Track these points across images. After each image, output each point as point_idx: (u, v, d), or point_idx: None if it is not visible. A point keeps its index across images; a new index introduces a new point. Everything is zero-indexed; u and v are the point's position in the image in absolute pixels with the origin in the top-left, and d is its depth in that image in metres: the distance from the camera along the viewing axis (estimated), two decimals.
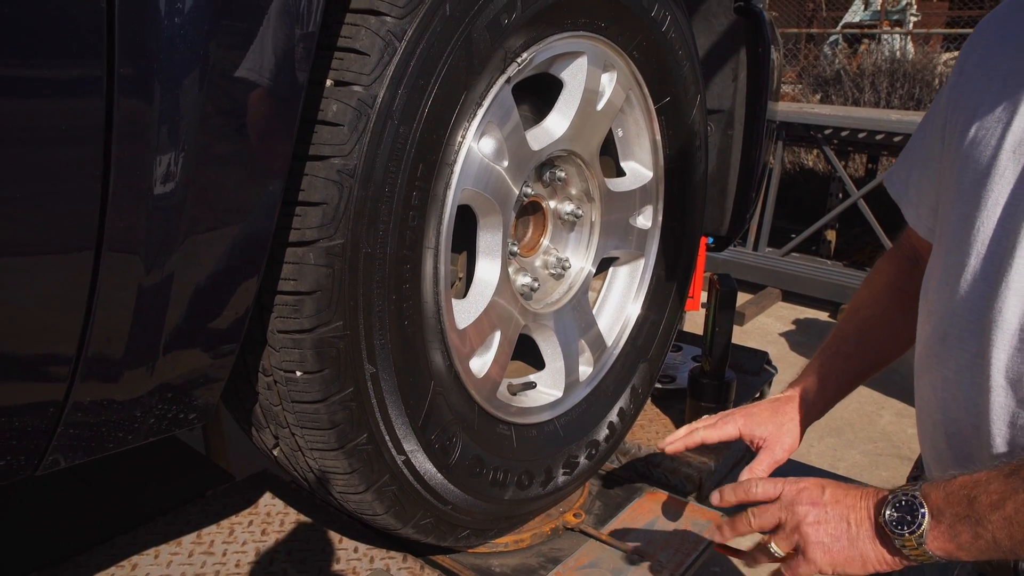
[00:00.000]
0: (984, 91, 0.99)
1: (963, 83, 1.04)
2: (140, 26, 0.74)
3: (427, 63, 1.02)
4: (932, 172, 1.11)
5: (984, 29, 1.07)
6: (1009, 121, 0.93)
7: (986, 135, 0.96)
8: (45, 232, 0.73)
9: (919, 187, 1.14)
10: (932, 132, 1.11)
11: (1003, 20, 1.04)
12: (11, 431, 0.79)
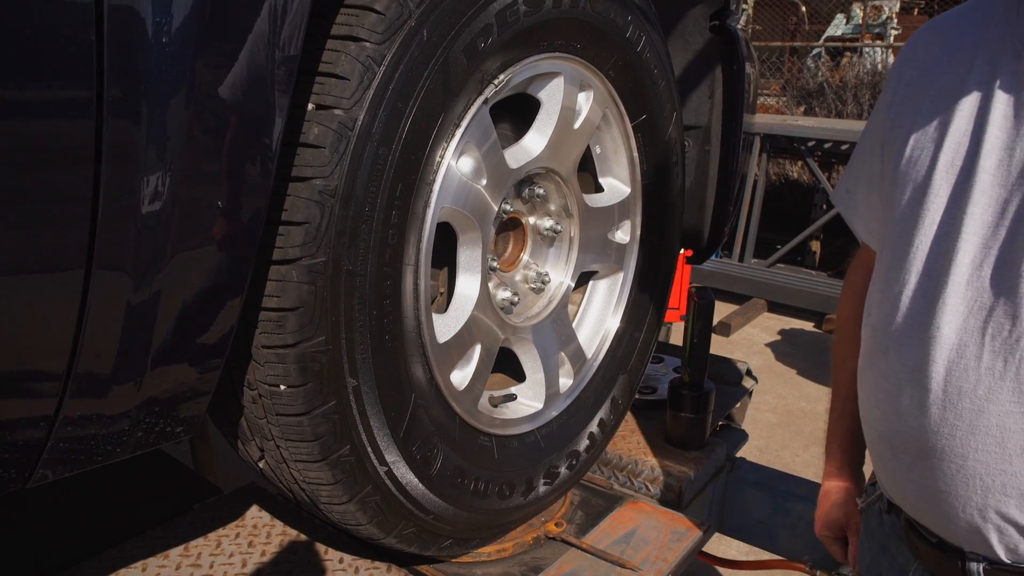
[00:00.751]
0: (917, 111, 1.03)
1: (898, 102, 1.08)
2: (128, 49, 0.77)
3: (405, 87, 1.06)
4: (877, 187, 1.15)
5: (913, 49, 1.11)
6: (941, 141, 0.98)
7: (921, 154, 1.01)
8: (37, 250, 0.76)
9: (868, 202, 1.18)
10: (873, 149, 1.15)
11: (930, 41, 1.09)
12: (3, 445, 0.82)
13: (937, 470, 0.98)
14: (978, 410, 0.93)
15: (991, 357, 0.91)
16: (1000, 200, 0.92)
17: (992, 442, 0.92)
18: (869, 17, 9.90)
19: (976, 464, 0.94)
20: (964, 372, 0.93)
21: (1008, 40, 0.96)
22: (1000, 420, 0.91)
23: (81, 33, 0.73)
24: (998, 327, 0.91)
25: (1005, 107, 0.93)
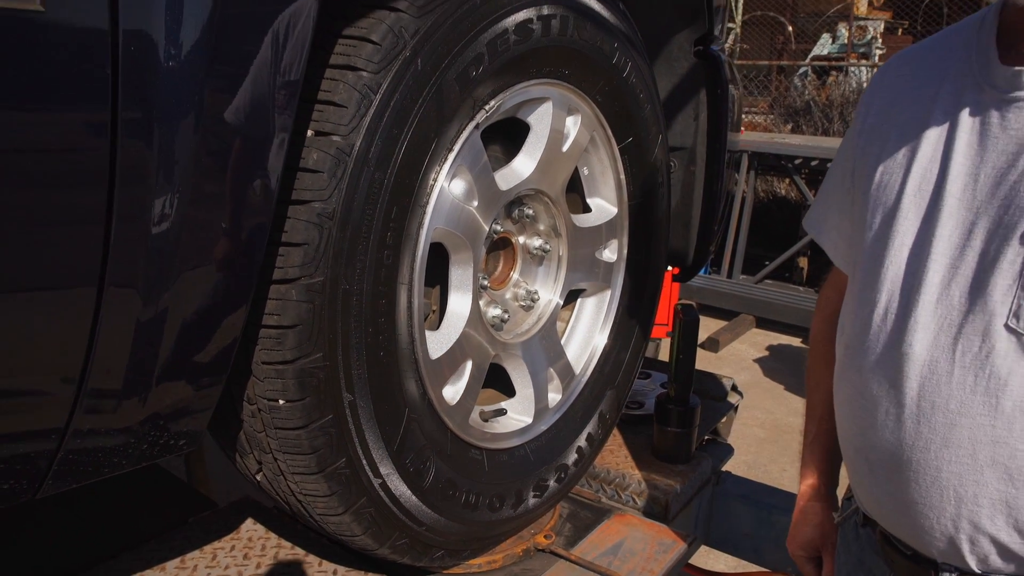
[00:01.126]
0: (886, 138, 1.09)
1: (868, 130, 1.13)
2: (141, 75, 0.81)
3: (400, 114, 1.10)
4: (847, 212, 1.20)
5: (881, 81, 1.17)
6: (909, 167, 1.03)
7: (890, 179, 1.06)
8: (54, 271, 0.80)
9: (839, 228, 1.23)
10: (844, 176, 1.20)
11: (897, 73, 1.14)
12: (16, 456, 0.85)
13: (912, 482, 1.01)
14: (951, 424, 0.96)
15: (962, 372, 0.95)
16: (967, 223, 0.97)
17: (964, 454, 0.96)
18: (854, 37, 10.05)
19: (950, 476, 0.98)
20: (936, 387, 0.97)
21: (969, 75, 1.02)
22: (972, 433, 0.95)
23: (97, 58, 0.77)
24: (968, 344, 0.95)
25: (969, 136, 0.99)
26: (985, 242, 0.95)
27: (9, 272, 0.78)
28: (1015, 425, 0.93)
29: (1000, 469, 0.95)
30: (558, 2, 1.37)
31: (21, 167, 0.75)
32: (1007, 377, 0.93)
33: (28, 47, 0.72)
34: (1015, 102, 0.95)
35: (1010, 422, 0.93)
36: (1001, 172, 0.95)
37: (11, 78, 0.72)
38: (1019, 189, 0.92)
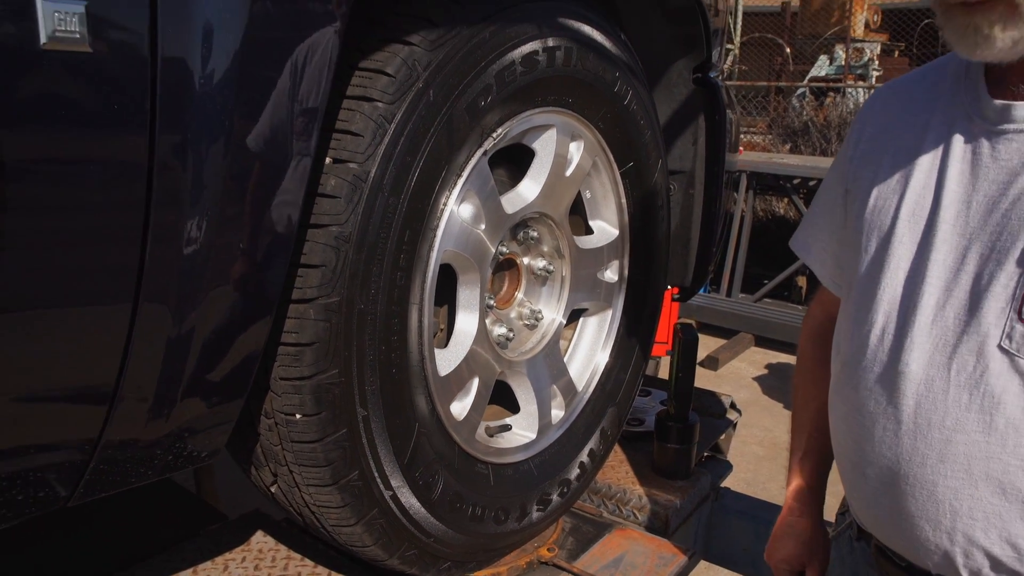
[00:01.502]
0: (879, 164, 1.13)
1: (860, 156, 1.18)
2: (178, 102, 0.86)
3: (413, 142, 1.16)
4: (837, 235, 1.24)
5: (871, 108, 1.22)
6: (903, 192, 1.08)
7: (885, 204, 1.10)
8: (92, 291, 0.86)
9: (827, 249, 1.28)
10: (835, 200, 1.24)
11: (887, 101, 1.19)
12: (52, 465, 0.90)
13: (909, 496, 1.04)
14: (946, 440, 1.00)
15: (957, 391, 0.99)
16: (960, 248, 1.01)
17: (960, 469, 0.99)
18: (851, 59, 10.16)
19: (945, 490, 1.00)
20: (933, 405, 1.01)
21: (960, 106, 1.06)
22: (967, 449, 0.98)
23: (137, 91, 0.83)
24: (963, 363, 0.98)
25: (960, 164, 1.03)
26: (978, 266, 0.98)
27: (52, 291, 0.83)
28: (1008, 441, 0.96)
29: (994, 484, 0.98)
30: (562, 34, 1.43)
31: (69, 191, 0.81)
32: (1000, 395, 0.96)
33: (77, 83, 0.77)
34: (1004, 134, 0.99)
35: (1003, 438, 0.96)
36: (993, 200, 0.99)
37: (62, 111, 0.78)
38: (1010, 216, 0.96)
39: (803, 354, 1.42)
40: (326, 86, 1.03)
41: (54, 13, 0.73)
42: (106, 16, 0.78)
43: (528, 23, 1.34)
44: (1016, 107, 0.99)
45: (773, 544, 1.41)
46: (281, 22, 0.97)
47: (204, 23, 0.86)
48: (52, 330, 0.84)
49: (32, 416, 0.88)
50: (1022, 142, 0.98)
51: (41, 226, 0.80)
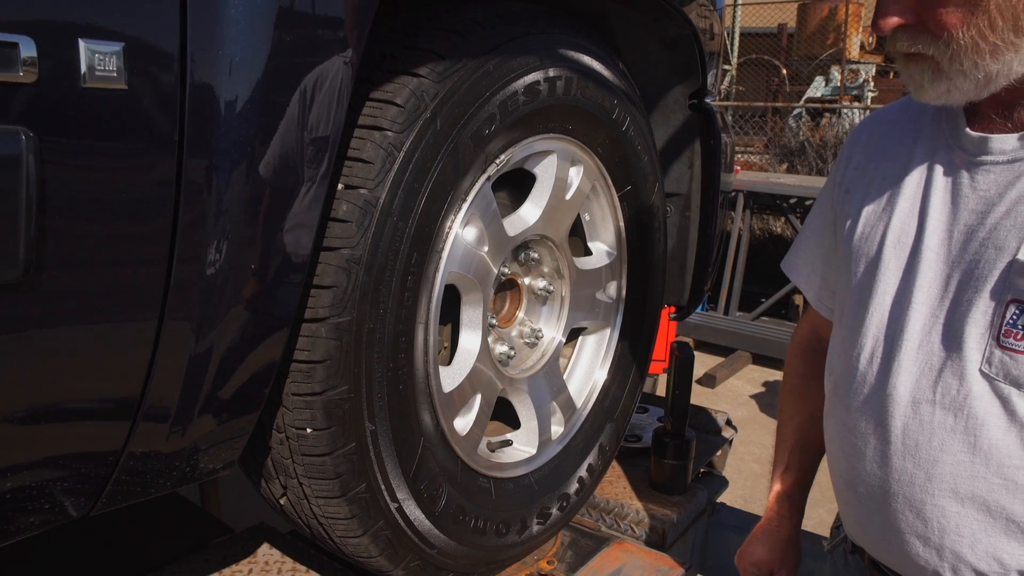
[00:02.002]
0: (866, 191, 1.18)
1: (848, 182, 1.23)
2: (202, 138, 0.92)
3: (421, 169, 1.22)
4: (826, 258, 1.29)
5: (859, 137, 1.27)
6: (888, 220, 1.12)
7: (871, 231, 1.15)
8: (120, 311, 0.91)
9: (816, 272, 1.33)
10: (825, 224, 1.30)
11: (873, 131, 1.24)
12: (77, 475, 0.95)
13: (899, 514, 1.08)
14: (933, 460, 1.03)
15: (942, 413, 1.03)
16: (943, 275, 1.05)
17: (947, 488, 1.03)
18: (847, 80, 10.27)
19: (933, 508, 1.04)
20: (919, 426, 1.04)
21: (941, 137, 1.11)
22: (953, 469, 1.02)
23: (167, 124, 0.88)
24: (947, 387, 1.02)
25: (943, 193, 1.07)
26: (959, 293, 1.02)
27: (85, 311, 0.88)
28: (991, 461, 1.00)
29: (979, 502, 1.01)
30: (563, 65, 1.49)
31: (104, 217, 0.87)
32: (983, 418, 1.00)
33: (113, 118, 0.83)
34: (982, 165, 1.03)
35: (987, 459, 1.00)
36: (972, 229, 1.03)
37: (99, 144, 0.83)
38: (987, 246, 1.00)
39: (789, 370, 1.47)
40: (340, 116, 1.08)
41: (95, 54, 0.79)
42: (140, 55, 0.84)
43: (530, 55, 1.40)
44: (992, 139, 1.03)
45: (747, 547, 1.46)
46: (299, 56, 1.02)
47: (230, 60, 0.92)
48: (83, 348, 0.90)
49: (61, 429, 0.93)
50: (999, 173, 1.02)
51: (78, 249, 0.85)
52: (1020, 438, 0.99)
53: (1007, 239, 0.99)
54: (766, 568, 1.43)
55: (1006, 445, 0.99)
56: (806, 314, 1.45)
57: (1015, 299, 0.97)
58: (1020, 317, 0.97)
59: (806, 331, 1.45)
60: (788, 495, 1.43)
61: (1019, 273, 0.97)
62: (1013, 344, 0.97)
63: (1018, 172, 1.01)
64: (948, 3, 0.94)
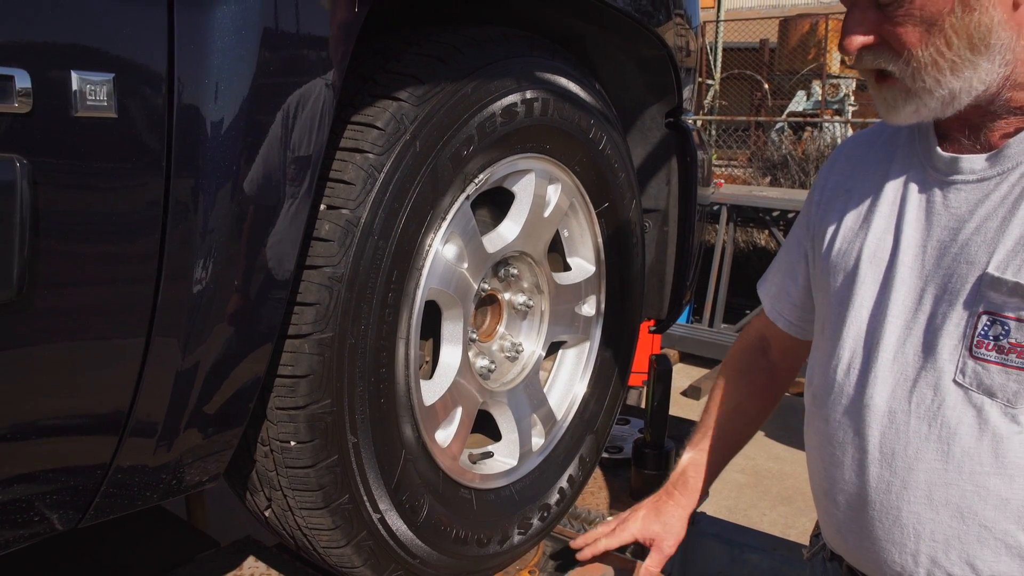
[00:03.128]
0: (842, 210, 1.23)
1: (824, 202, 1.28)
2: (188, 162, 0.96)
3: (401, 190, 1.26)
4: (797, 276, 1.36)
5: (836, 158, 1.32)
6: (865, 236, 1.17)
7: (847, 247, 1.19)
8: (110, 329, 0.94)
9: (785, 288, 1.39)
10: (801, 242, 1.35)
11: (851, 153, 1.30)
12: (66, 488, 0.98)
13: (876, 521, 1.12)
14: (908, 467, 1.07)
15: (917, 422, 1.07)
16: (918, 289, 1.09)
17: (922, 495, 1.07)
18: (828, 94, 10.41)
19: (909, 515, 1.08)
20: (896, 435, 1.09)
21: (914, 157, 1.16)
22: (927, 476, 1.06)
23: (155, 150, 0.92)
24: (921, 397, 1.07)
25: (916, 211, 1.12)
26: (933, 307, 1.07)
27: (74, 326, 0.92)
28: (964, 469, 1.04)
29: (952, 508, 1.05)
30: (539, 87, 1.54)
31: (96, 239, 0.91)
32: (956, 427, 1.04)
33: (106, 144, 0.87)
34: (954, 184, 1.08)
35: (960, 466, 1.04)
36: (945, 245, 1.07)
37: (92, 168, 0.87)
38: (959, 260, 1.05)
39: (728, 362, 1.54)
40: (322, 139, 1.12)
41: (86, 84, 0.83)
42: (130, 85, 0.88)
43: (507, 78, 1.45)
44: (963, 159, 1.08)
45: (634, 513, 1.54)
46: (282, 82, 1.06)
47: (215, 87, 0.96)
48: (74, 364, 0.93)
49: (51, 443, 0.96)
50: (969, 192, 1.07)
51: (70, 270, 0.89)
52: (992, 446, 1.03)
53: (978, 254, 1.03)
54: (648, 538, 1.52)
55: (978, 453, 1.03)
56: (758, 316, 1.52)
57: (987, 311, 1.02)
58: (991, 328, 1.01)
59: (754, 332, 1.53)
60: (692, 479, 1.51)
61: (990, 286, 1.01)
62: (985, 355, 1.02)
63: (987, 190, 1.06)
64: (907, 23, 1.00)
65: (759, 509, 4.59)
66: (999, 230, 1.02)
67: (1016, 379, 1.00)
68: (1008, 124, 1.06)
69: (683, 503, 1.52)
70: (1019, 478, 1.02)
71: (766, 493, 4.76)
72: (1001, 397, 1.02)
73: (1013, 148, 1.04)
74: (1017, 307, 1.00)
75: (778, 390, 1.54)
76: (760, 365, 1.51)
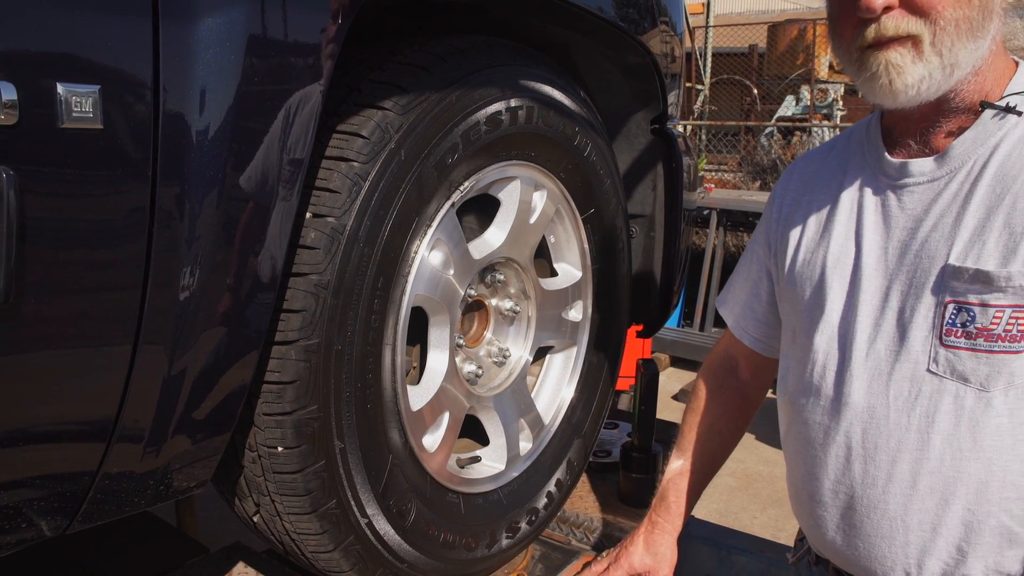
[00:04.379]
0: (802, 223, 1.27)
1: (783, 218, 1.32)
2: (174, 171, 0.97)
3: (386, 197, 1.28)
4: (760, 293, 1.39)
5: (791, 174, 1.36)
6: (827, 245, 1.21)
7: (811, 257, 1.24)
8: (97, 336, 0.96)
9: (749, 306, 1.42)
10: (759, 262, 1.39)
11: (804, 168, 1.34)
12: (54, 495, 0.99)
13: (864, 517, 1.14)
14: (892, 460, 1.11)
15: (897, 414, 1.10)
16: (883, 288, 1.14)
17: (906, 486, 1.10)
18: (817, 99, 10.48)
19: (896, 507, 1.11)
20: (877, 429, 1.12)
21: (866, 166, 1.21)
22: (911, 466, 1.10)
23: (140, 160, 0.93)
24: (899, 389, 1.11)
25: (875, 216, 1.17)
26: (901, 302, 1.12)
27: (61, 334, 0.93)
28: (945, 455, 1.08)
29: (937, 496, 1.09)
30: (524, 95, 1.56)
31: (82, 247, 0.92)
32: (934, 415, 1.08)
33: (90, 156, 0.89)
34: (906, 187, 1.15)
35: (941, 453, 1.08)
36: (905, 244, 1.13)
37: (78, 178, 0.89)
38: (922, 256, 1.10)
39: (700, 384, 1.56)
40: (307, 147, 1.14)
41: (72, 96, 0.84)
42: (116, 95, 0.89)
43: (492, 86, 1.47)
44: (912, 163, 1.14)
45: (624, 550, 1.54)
46: (267, 92, 1.08)
47: (200, 97, 0.98)
48: (61, 371, 0.94)
49: (38, 450, 0.97)
50: (922, 192, 1.13)
51: (57, 278, 0.90)
52: (970, 431, 1.07)
53: (938, 248, 1.09)
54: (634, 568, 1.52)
55: (956, 439, 1.07)
56: (723, 337, 1.54)
57: (952, 299, 1.07)
58: (958, 315, 1.07)
59: (721, 351, 1.55)
60: (674, 502, 1.52)
61: (952, 276, 1.07)
62: (955, 342, 1.07)
63: (938, 189, 1.12)
64: None
65: (750, 512, 4.60)
66: (955, 224, 1.08)
67: (987, 362, 1.05)
68: (953, 123, 1.12)
69: (668, 529, 1.53)
70: (997, 460, 1.06)
71: (756, 496, 4.77)
72: (974, 381, 1.06)
73: (958, 149, 1.10)
74: (979, 292, 1.05)
75: (750, 407, 1.56)
76: (730, 384, 1.54)
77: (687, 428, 1.55)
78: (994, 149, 1.08)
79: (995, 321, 1.04)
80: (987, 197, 1.07)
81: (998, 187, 1.06)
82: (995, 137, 1.08)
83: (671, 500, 1.53)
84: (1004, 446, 1.06)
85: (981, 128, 1.09)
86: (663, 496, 1.54)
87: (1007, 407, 1.05)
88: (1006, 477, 1.06)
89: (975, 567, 1.09)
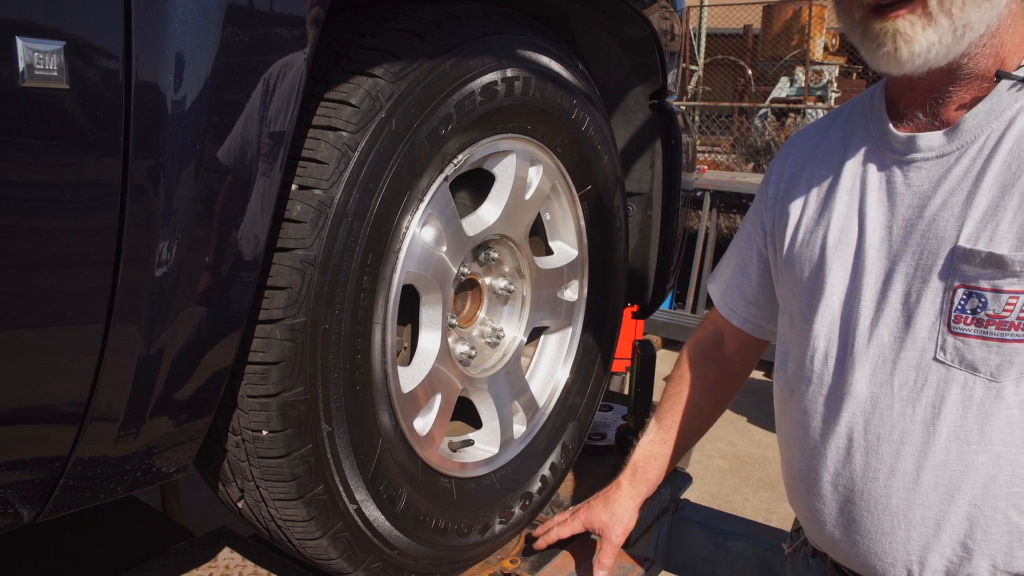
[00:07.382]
0: (801, 201, 1.21)
1: (780, 196, 1.26)
2: (148, 140, 0.90)
3: (376, 169, 1.22)
4: (750, 272, 1.35)
5: (788, 151, 1.30)
6: (828, 224, 1.15)
7: (810, 237, 1.18)
8: (65, 314, 0.89)
9: (737, 284, 1.38)
10: (750, 241, 1.34)
11: (803, 144, 1.28)
12: (23, 482, 0.94)
13: (865, 512, 1.10)
14: (895, 452, 1.06)
15: (901, 405, 1.06)
16: (885, 270, 1.08)
17: (909, 480, 1.06)
18: (811, 80, 10.42)
19: (898, 501, 1.07)
20: (880, 420, 1.07)
21: (870, 140, 1.14)
22: (915, 459, 1.05)
23: (112, 124, 0.86)
24: (904, 378, 1.05)
25: (878, 192, 1.11)
26: (906, 286, 1.06)
27: (27, 313, 0.87)
28: (951, 448, 1.03)
29: (942, 490, 1.04)
30: (521, 65, 1.49)
31: (47, 218, 0.85)
32: (940, 405, 1.03)
33: (56, 117, 0.82)
34: (913, 163, 1.08)
35: (947, 446, 1.03)
36: (911, 223, 1.07)
37: (41, 144, 0.82)
38: (928, 236, 1.04)
39: (683, 356, 1.54)
40: (292, 115, 1.07)
41: (34, 53, 0.77)
42: (83, 54, 0.82)
43: (487, 55, 1.40)
44: (919, 137, 1.07)
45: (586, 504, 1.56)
46: (248, 54, 1.01)
47: (176, 59, 0.91)
48: (25, 351, 0.88)
49: (4, 432, 0.91)
50: (930, 168, 1.06)
51: (18, 250, 0.84)
52: (978, 423, 1.02)
53: (947, 228, 1.03)
54: (599, 528, 1.55)
55: (964, 431, 1.02)
56: (712, 312, 1.51)
57: (962, 284, 1.01)
58: (968, 301, 1.01)
59: (709, 325, 1.52)
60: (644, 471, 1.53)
61: (962, 259, 1.01)
62: (964, 329, 1.01)
63: (947, 165, 1.05)
64: None
65: (742, 494, 4.60)
66: (966, 203, 1.02)
67: (998, 351, 1.00)
68: (965, 93, 1.05)
69: (631, 493, 1.53)
70: (1006, 454, 1.02)
71: (748, 479, 4.77)
72: (984, 371, 1.01)
73: (970, 122, 1.04)
74: (992, 277, 0.99)
75: (731, 384, 1.54)
76: (713, 358, 1.51)
77: (665, 398, 1.54)
78: (1010, 123, 1.01)
79: (1008, 308, 0.98)
80: (1001, 175, 1.00)
81: (1014, 164, 1.00)
82: (1011, 110, 1.02)
83: (640, 466, 1.53)
84: (1014, 439, 1.01)
85: (996, 99, 1.03)
86: (633, 463, 1.54)
87: (1018, 398, 1.01)
88: (1015, 471, 1.02)
89: (981, 565, 1.05)
